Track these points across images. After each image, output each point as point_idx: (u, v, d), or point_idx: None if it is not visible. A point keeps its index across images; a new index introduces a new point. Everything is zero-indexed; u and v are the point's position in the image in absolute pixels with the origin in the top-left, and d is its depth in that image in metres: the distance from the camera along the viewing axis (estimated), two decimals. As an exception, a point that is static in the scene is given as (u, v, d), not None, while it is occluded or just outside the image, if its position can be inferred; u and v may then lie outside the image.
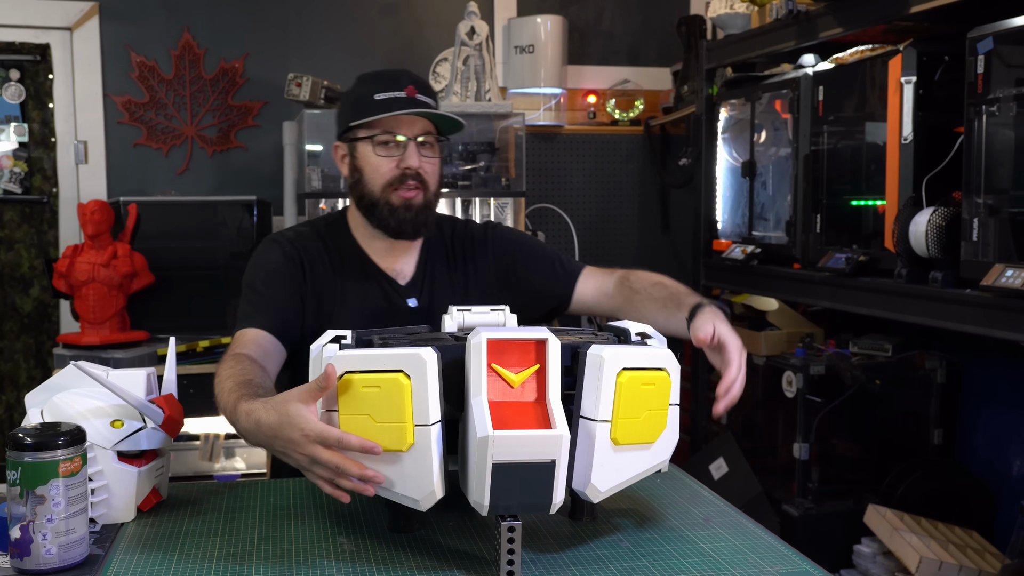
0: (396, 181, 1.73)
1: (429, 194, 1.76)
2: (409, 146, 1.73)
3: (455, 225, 1.91)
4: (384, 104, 1.71)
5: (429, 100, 1.74)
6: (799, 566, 1.28)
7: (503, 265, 1.86)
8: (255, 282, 1.75)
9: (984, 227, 2.16)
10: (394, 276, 1.81)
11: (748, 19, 3.27)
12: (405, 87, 1.72)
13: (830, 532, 2.81)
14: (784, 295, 3.11)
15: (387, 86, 1.73)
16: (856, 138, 2.70)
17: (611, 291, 1.81)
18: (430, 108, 1.73)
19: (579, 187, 4.30)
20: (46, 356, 3.94)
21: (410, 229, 1.76)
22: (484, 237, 1.87)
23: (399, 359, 1.20)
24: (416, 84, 1.74)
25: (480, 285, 1.84)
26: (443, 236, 1.87)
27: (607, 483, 1.26)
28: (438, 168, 1.79)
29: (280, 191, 3.67)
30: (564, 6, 4.28)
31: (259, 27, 4.02)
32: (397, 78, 1.76)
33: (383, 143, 1.73)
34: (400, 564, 1.27)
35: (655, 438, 1.31)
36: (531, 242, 1.91)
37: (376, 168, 1.74)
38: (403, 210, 1.74)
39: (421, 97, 1.73)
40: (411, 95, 1.72)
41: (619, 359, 1.24)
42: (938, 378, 2.94)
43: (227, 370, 1.50)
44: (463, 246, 1.87)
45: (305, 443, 1.22)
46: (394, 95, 1.72)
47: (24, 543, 1.22)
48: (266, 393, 1.39)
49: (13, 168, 3.90)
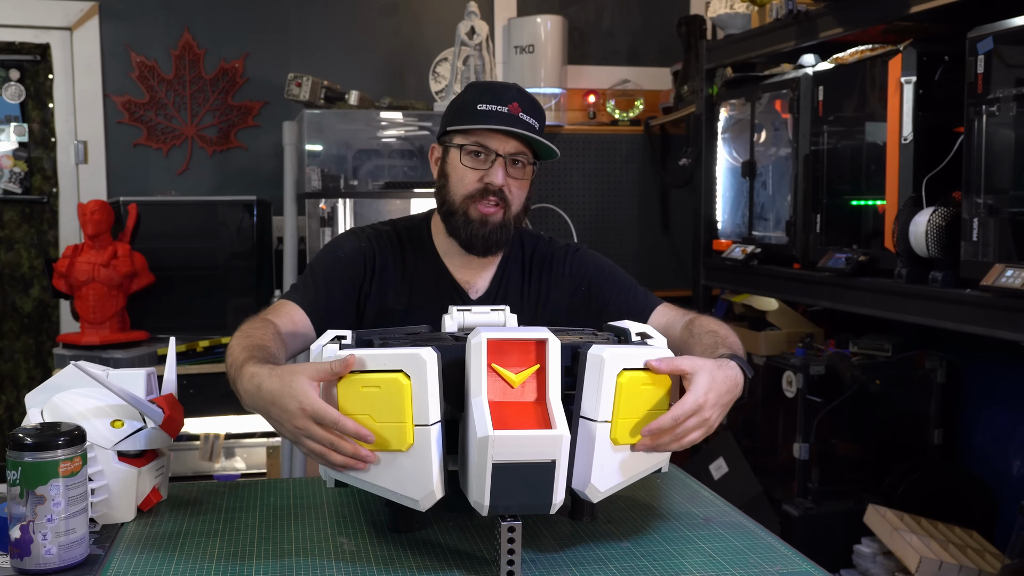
0: (477, 194, 1.70)
1: (510, 214, 1.72)
2: (497, 162, 1.70)
3: (538, 242, 1.87)
4: (483, 115, 1.68)
5: (531, 120, 1.70)
6: (799, 566, 1.28)
7: (578, 289, 1.82)
8: (317, 264, 1.77)
9: (984, 227, 2.16)
10: (466, 288, 1.79)
11: (748, 19, 3.27)
12: (510, 103, 1.68)
13: (830, 532, 2.81)
14: (784, 295, 3.11)
15: (492, 98, 1.69)
16: (856, 138, 2.70)
17: (677, 334, 1.73)
18: (530, 128, 1.69)
19: (579, 187, 4.30)
20: (46, 356, 3.94)
21: (480, 245, 1.73)
22: (564, 258, 1.83)
23: (399, 359, 1.20)
24: (523, 102, 1.70)
25: (551, 305, 1.80)
26: (523, 252, 1.84)
27: (607, 483, 1.27)
28: (525, 189, 1.75)
29: (280, 191, 3.67)
30: (564, 6, 4.28)
31: (259, 27, 4.02)
32: (504, 92, 1.71)
33: (473, 153, 1.71)
34: (400, 564, 1.27)
35: None
36: (610, 269, 1.86)
37: (461, 177, 1.72)
38: (478, 224, 1.71)
39: (524, 116, 1.69)
40: (514, 112, 1.68)
41: (619, 359, 1.24)
42: (938, 378, 2.94)
43: (248, 329, 1.51)
44: (541, 264, 1.83)
45: (301, 416, 1.23)
46: (496, 108, 1.68)
47: (24, 543, 1.22)
48: (276, 362, 1.39)
49: (13, 168, 3.90)
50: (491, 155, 1.69)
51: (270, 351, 1.43)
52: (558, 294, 1.81)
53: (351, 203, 3.50)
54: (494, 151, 1.69)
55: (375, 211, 3.50)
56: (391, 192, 3.51)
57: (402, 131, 3.65)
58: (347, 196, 3.47)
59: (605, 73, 4.33)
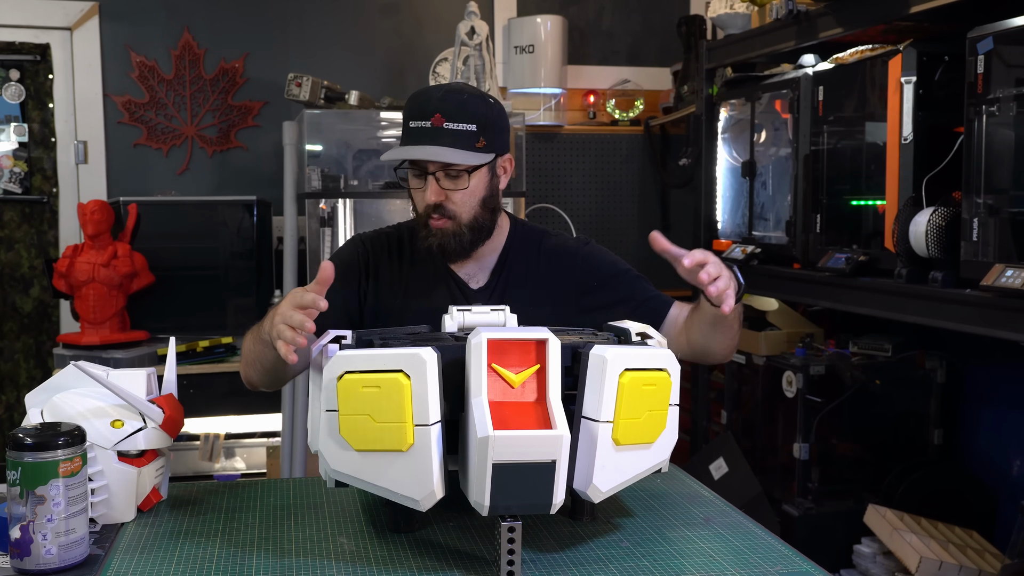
0: (428, 211, 1.73)
1: (460, 221, 1.73)
2: (428, 180, 1.71)
3: (545, 236, 1.88)
4: (413, 134, 1.70)
5: (458, 126, 1.68)
6: (799, 566, 1.28)
7: (584, 285, 1.82)
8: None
9: (984, 227, 2.16)
10: (466, 280, 1.81)
11: (748, 19, 3.27)
12: (432, 115, 1.68)
13: (830, 532, 2.81)
14: (784, 295, 3.11)
15: (418, 113, 1.70)
16: (856, 138, 2.70)
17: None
18: (458, 137, 1.68)
19: (579, 187, 4.30)
20: (46, 356, 3.94)
21: (440, 254, 1.76)
22: (574, 253, 1.84)
23: (399, 359, 1.20)
24: (446, 110, 1.68)
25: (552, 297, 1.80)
26: (530, 247, 1.85)
27: (608, 483, 1.27)
28: (473, 193, 1.73)
29: (280, 191, 3.67)
30: (564, 6, 4.28)
31: (259, 27, 4.02)
32: (426, 104, 1.70)
33: (412, 174, 1.75)
34: (400, 564, 1.27)
35: (655, 438, 1.31)
36: (621, 270, 1.86)
37: (413, 196, 1.77)
38: (434, 238, 1.74)
39: (449, 125, 1.67)
40: (436, 124, 1.68)
41: (622, 360, 1.25)
42: (938, 378, 2.94)
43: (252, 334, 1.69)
44: (550, 258, 1.84)
45: (286, 304, 1.40)
46: (421, 125, 1.69)
47: (24, 543, 1.22)
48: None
49: (13, 168, 3.90)
50: (423, 174, 1.72)
51: None
52: (563, 286, 1.81)
53: (351, 203, 3.50)
54: (423, 169, 1.72)
55: (375, 211, 3.50)
56: (391, 192, 3.51)
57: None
58: (347, 196, 3.47)
59: (605, 73, 4.33)
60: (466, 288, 1.80)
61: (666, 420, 1.33)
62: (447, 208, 1.72)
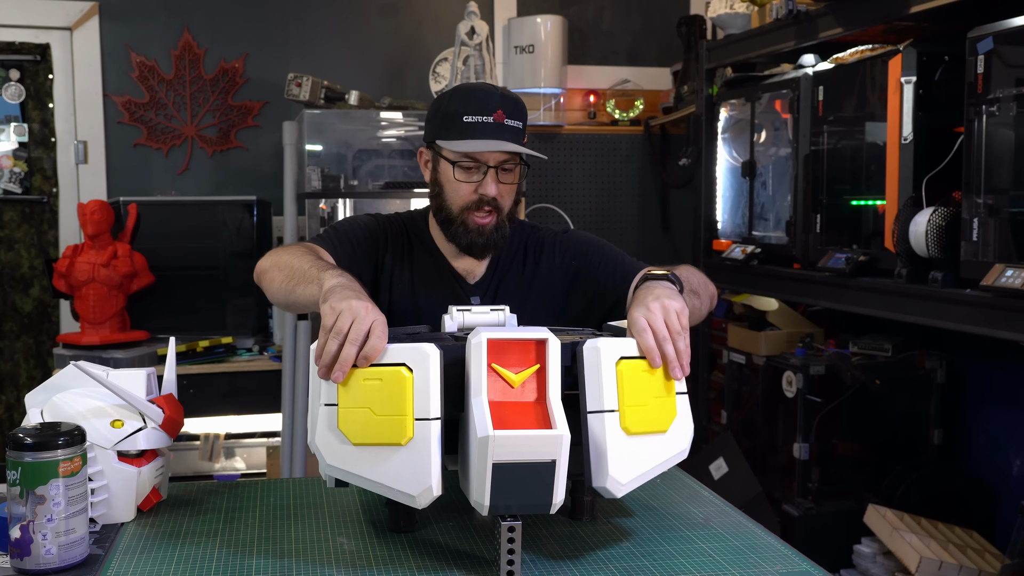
0: (473, 206, 1.76)
1: (502, 216, 1.80)
2: (489, 173, 1.75)
3: (532, 231, 1.94)
4: (470, 128, 1.73)
5: (516, 123, 1.75)
6: (799, 566, 1.28)
7: (571, 265, 1.88)
8: (339, 226, 1.85)
9: (984, 227, 2.16)
10: (463, 274, 1.86)
11: (748, 19, 3.27)
12: (494, 111, 1.73)
13: (830, 532, 2.81)
14: (784, 295, 3.11)
15: (477, 108, 1.74)
16: (856, 138, 2.70)
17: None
18: (516, 132, 1.75)
19: (579, 187, 4.30)
20: (46, 356, 3.94)
21: (479, 250, 1.81)
22: (555, 240, 1.90)
23: (402, 352, 1.21)
24: (506, 108, 1.74)
25: (544, 284, 1.86)
26: (517, 242, 1.90)
27: (627, 474, 1.25)
28: (514, 191, 1.82)
29: (280, 191, 3.67)
30: (564, 6, 4.28)
31: (259, 27, 4.02)
32: (487, 100, 1.74)
33: (465, 168, 1.76)
34: (400, 564, 1.27)
35: (667, 426, 1.30)
36: (601, 243, 1.93)
37: (456, 190, 1.77)
38: (476, 234, 1.78)
39: (509, 122, 1.74)
40: (499, 120, 1.73)
41: (615, 348, 1.25)
42: (938, 378, 2.94)
43: (299, 250, 1.62)
44: (536, 249, 1.90)
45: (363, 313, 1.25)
46: (482, 120, 1.73)
47: (24, 543, 1.22)
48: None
49: (13, 168, 3.90)
50: (482, 167, 1.75)
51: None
52: (551, 273, 1.87)
53: (351, 203, 3.50)
54: (485, 163, 1.75)
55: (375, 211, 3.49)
56: (391, 192, 3.52)
57: (402, 131, 3.65)
58: (347, 196, 3.47)
59: (605, 73, 4.33)
60: (463, 281, 1.85)
61: (675, 407, 1.32)
62: (497, 202, 1.77)
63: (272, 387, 3.43)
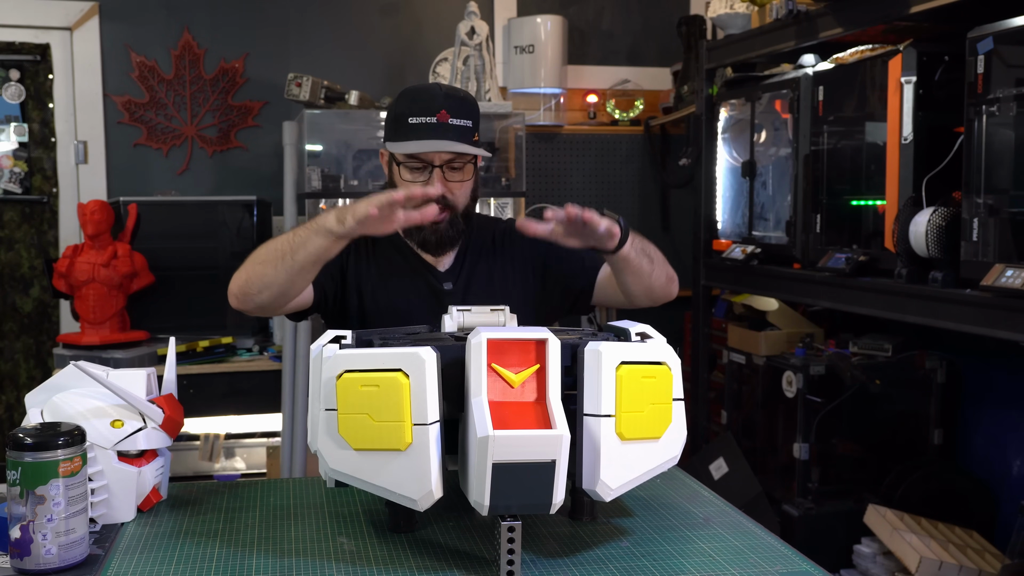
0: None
1: (456, 213, 1.84)
2: (435, 172, 1.80)
3: (498, 224, 2.00)
4: (413, 129, 1.78)
5: (461, 122, 1.79)
6: (799, 566, 1.28)
7: (536, 255, 1.93)
8: None
9: (984, 227, 2.16)
10: (433, 263, 1.92)
11: (748, 19, 3.27)
12: (438, 112, 1.77)
13: (830, 532, 2.81)
14: (784, 295, 3.11)
15: (421, 109, 1.79)
16: (856, 138, 2.70)
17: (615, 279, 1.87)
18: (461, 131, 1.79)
19: (579, 187, 4.30)
20: (46, 356, 3.94)
21: (434, 248, 1.87)
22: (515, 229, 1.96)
23: (398, 358, 1.21)
24: (450, 107, 1.79)
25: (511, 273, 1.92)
26: (485, 235, 1.96)
27: (617, 479, 1.25)
28: (468, 187, 1.86)
29: (280, 191, 3.67)
30: (564, 6, 4.28)
31: (259, 27, 4.02)
32: (431, 101, 1.79)
33: (411, 168, 1.81)
34: (400, 564, 1.27)
35: (661, 432, 1.31)
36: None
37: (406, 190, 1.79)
38: (429, 231, 1.84)
39: (454, 121, 1.78)
40: (442, 120, 1.77)
41: (617, 353, 1.25)
42: (938, 378, 2.94)
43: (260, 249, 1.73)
44: (503, 240, 1.96)
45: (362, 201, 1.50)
46: (425, 120, 1.78)
47: (24, 543, 1.22)
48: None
49: (13, 168, 3.90)
50: (428, 167, 1.80)
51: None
52: (519, 262, 1.93)
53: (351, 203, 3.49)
54: (430, 163, 1.79)
55: (375, 211, 3.50)
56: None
57: (402, 131, 3.64)
58: (347, 196, 3.47)
59: (605, 73, 4.33)
60: (433, 269, 1.90)
61: (671, 414, 1.32)
62: (448, 200, 1.81)
63: (272, 387, 3.43)
